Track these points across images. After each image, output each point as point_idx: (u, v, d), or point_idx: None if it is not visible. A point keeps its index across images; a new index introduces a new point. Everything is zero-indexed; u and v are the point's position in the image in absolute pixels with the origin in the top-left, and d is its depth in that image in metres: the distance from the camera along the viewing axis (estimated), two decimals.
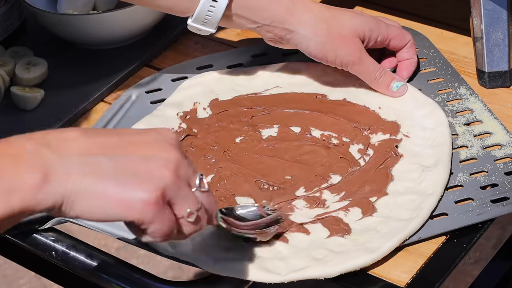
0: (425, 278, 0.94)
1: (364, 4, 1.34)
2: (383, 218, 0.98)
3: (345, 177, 1.04)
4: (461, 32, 1.27)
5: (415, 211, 0.97)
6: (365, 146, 1.08)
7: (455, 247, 0.96)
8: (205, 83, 1.18)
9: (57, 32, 1.26)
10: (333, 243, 0.96)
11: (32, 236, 1.00)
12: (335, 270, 0.92)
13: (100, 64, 1.25)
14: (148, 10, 1.24)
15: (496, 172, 1.03)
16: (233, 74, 1.20)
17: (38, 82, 1.22)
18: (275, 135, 1.11)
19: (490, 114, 1.11)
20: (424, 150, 1.06)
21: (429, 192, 1.00)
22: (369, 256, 0.93)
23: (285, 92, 1.17)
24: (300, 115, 1.13)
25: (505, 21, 1.17)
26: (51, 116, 1.17)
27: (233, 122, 1.13)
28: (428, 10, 1.32)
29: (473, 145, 1.07)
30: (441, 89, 1.16)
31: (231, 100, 1.16)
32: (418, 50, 1.23)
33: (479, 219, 0.98)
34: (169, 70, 1.23)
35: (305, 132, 1.11)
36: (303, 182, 1.04)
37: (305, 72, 1.19)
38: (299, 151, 1.08)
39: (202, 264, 0.94)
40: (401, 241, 0.95)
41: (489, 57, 1.17)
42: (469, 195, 1.01)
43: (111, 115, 1.15)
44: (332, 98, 1.15)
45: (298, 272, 0.92)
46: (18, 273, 2.24)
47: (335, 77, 1.17)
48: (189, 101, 1.16)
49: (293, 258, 0.94)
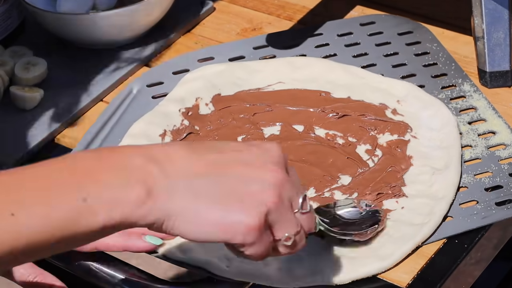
0: (426, 279, 0.93)
1: (365, 4, 1.34)
2: (395, 221, 0.97)
3: (356, 177, 1.03)
4: (462, 31, 1.27)
5: (428, 216, 0.97)
6: (373, 146, 1.07)
7: (456, 248, 0.96)
8: (207, 76, 1.17)
9: (57, 32, 1.26)
10: (346, 247, 0.95)
11: None
12: (347, 277, 0.92)
13: (100, 64, 1.24)
14: (148, 10, 1.24)
15: (501, 173, 1.03)
16: (235, 67, 1.19)
17: (37, 82, 1.21)
18: (277, 134, 1.10)
19: (494, 113, 1.11)
20: (433, 151, 1.05)
21: (440, 196, 0.99)
22: (381, 264, 0.93)
23: (288, 88, 1.16)
24: (303, 113, 1.13)
25: (507, 21, 1.17)
26: (51, 116, 1.16)
27: (235, 119, 1.12)
28: (429, 9, 1.32)
29: (477, 145, 1.07)
30: (445, 86, 1.16)
31: (234, 96, 1.16)
32: (421, 44, 1.23)
33: (484, 223, 0.97)
34: (170, 63, 1.22)
35: (309, 131, 1.10)
36: (312, 183, 1.03)
37: (310, 68, 1.18)
38: (304, 151, 1.07)
39: (212, 268, 0.93)
40: (413, 247, 0.94)
41: (491, 56, 1.17)
42: (474, 197, 1.00)
43: (112, 109, 1.14)
44: (336, 95, 1.14)
45: (310, 277, 0.92)
46: None
47: (339, 74, 1.16)
48: (191, 96, 1.15)
49: (306, 262, 0.93)
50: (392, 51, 1.23)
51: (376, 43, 1.24)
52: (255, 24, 1.32)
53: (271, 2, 1.37)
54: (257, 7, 1.36)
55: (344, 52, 1.23)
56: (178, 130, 1.11)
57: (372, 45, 1.24)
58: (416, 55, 1.22)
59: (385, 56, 1.22)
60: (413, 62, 1.20)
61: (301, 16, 1.33)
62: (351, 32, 1.26)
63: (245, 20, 1.34)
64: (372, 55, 1.22)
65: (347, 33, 1.26)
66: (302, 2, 1.36)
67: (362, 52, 1.23)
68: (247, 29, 1.31)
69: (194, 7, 1.34)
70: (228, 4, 1.37)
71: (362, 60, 1.21)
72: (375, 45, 1.24)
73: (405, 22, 1.27)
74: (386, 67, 1.20)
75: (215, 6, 1.36)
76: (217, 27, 1.32)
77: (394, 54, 1.22)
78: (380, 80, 1.15)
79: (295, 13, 1.34)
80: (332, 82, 1.16)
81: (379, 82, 1.15)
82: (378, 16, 1.29)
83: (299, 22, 1.32)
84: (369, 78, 1.15)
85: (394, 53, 1.22)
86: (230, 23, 1.33)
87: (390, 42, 1.24)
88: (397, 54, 1.22)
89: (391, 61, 1.21)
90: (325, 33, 1.26)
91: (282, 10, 1.35)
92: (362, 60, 1.21)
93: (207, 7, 1.34)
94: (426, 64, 1.20)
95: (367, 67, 1.20)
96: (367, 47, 1.24)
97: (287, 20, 1.33)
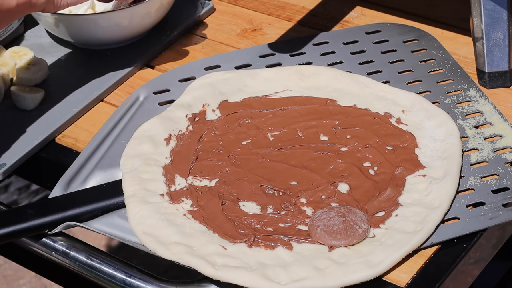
0: (425, 278, 0.93)
1: (364, 4, 1.34)
2: (387, 229, 0.97)
3: (354, 185, 1.03)
4: (461, 32, 1.27)
5: (420, 224, 0.97)
6: (375, 155, 1.07)
7: (456, 247, 0.96)
8: (214, 84, 1.18)
9: (57, 32, 1.26)
10: (336, 253, 0.95)
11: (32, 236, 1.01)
12: (335, 283, 0.92)
13: (100, 64, 1.25)
14: (148, 11, 1.24)
15: (508, 175, 1.03)
16: (242, 74, 1.19)
17: (38, 82, 1.22)
18: (281, 139, 1.11)
19: (500, 117, 1.11)
20: (434, 161, 1.05)
21: (435, 205, 0.99)
22: (370, 272, 0.93)
23: (295, 95, 1.17)
24: (308, 120, 1.13)
25: (506, 21, 1.17)
26: (51, 116, 1.17)
27: (241, 125, 1.13)
28: (429, 10, 1.32)
29: (483, 148, 1.07)
30: (451, 91, 1.16)
31: (241, 102, 1.16)
32: (427, 51, 1.23)
33: (491, 224, 0.97)
34: (177, 71, 1.23)
35: (314, 138, 1.10)
36: (309, 188, 1.03)
37: (316, 76, 1.18)
38: (307, 157, 1.07)
39: (203, 269, 0.94)
40: (403, 256, 0.95)
41: (489, 57, 1.17)
42: (481, 199, 1.00)
43: (119, 116, 1.15)
44: (342, 103, 1.15)
45: (298, 282, 0.92)
46: (18, 273, 2.24)
47: (346, 82, 1.17)
48: (198, 103, 1.16)
49: (295, 266, 0.94)
50: (397, 58, 1.23)
51: (382, 51, 1.24)
52: (255, 24, 1.33)
53: (271, 2, 1.37)
54: (257, 7, 1.36)
55: (350, 59, 1.23)
56: (184, 135, 1.11)
57: (378, 53, 1.24)
58: (422, 62, 1.22)
59: (391, 63, 1.22)
60: (418, 69, 1.21)
61: (301, 16, 1.34)
62: (357, 40, 1.26)
63: (245, 20, 1.34)
64: (378, 62, 1.22)
65: (352, 41, 1.26)
66: (301, 2, 1.36)
67: (368, 60, 1.23)
68: (247, 29, 1.32)
69: (194, 8, 1.34)
70: (228, 5, 1.37)
71: (367, 67, 1.22)
72: (381, 53, 1.24)
73: (410, 30, 1.28)
74: (392, 74, 1.20)
75: (215, 6, 1.36)
76: (218, 27, 1.33)
77: (399, 61, 1.22)
78: (387, 89, 1.15)
79: (294, 13, 1.34)
80: (339, 91, 1.16)
81: (385, 91, 1.15)
82: (384, 25, 1.29)
83: (299, 23, 1.33)
84: (376, 88, 1.15)
85: (399, 60, 1.22)
86: (230, 23, 1.33)
87: (395, 50, 1.24)
88: (403, 61, 1.22)
89: (396, 68, 1.21)
90: (331, 41, 1.26)
91: (282, 10, 1.35)
92: (368, 68, 1.21)
93: (207, 8, 1.35)
94: (431, 71, 1.20)
95: (373, 74, 1.20)
96: (373, 54, 1.24)
97: (287, 21, 1.33)
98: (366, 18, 1.32)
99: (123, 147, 1.10)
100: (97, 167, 1.08)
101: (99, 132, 1.13)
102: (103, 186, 1.05)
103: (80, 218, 1.01)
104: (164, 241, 0.97)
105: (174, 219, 1.00)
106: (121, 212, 1.02)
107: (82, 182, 1.06)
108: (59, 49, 1.28)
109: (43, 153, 1.13)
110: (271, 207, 1.01)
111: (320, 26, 1.32)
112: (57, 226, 1.00)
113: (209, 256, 0.95)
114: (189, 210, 1.01)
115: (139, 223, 0.99)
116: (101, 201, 1.02)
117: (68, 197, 1.03)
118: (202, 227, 0.99)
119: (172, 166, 1.07)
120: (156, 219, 0.99)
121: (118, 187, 1.04)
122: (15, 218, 1.00)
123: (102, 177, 1.07)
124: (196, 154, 1.09)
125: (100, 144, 1.11)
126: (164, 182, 1.05)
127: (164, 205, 1.01)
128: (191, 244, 0.96)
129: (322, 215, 0.98)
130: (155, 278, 0.96)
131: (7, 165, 1.10)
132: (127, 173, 1.05)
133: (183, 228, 0.98)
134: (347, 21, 1.32)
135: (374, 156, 1.07)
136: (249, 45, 1.28)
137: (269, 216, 1.00)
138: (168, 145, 1.10)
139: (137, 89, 1.19)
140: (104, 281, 0.97)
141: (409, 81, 1.19)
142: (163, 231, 0.98)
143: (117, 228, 1.00)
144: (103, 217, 1.02)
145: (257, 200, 1.02)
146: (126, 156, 1.08)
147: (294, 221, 0.99)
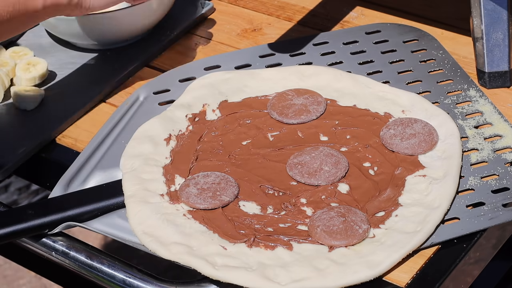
0: (425, 278, 0.94)
1: (364, 4, 1.34)
2: (387, 229, 0.98)
3: (354, 186, 1.04)
4: (461, 32, 1.27)
5: (420, 225, 0.97)
6: (375, 155, 1.07)
7: (455, 247, 0.96)
8: (214, 84, 1.18)
9: (57, 32, 1.26)
10: (336, 253, 0.95)
11: (32, 236, 1.01)
12: (335, 283, 0.92)
13: (100, 64, 1.25)
14: (148, 11, 1.24)
15: (507, 175, 1.03)
16: (242, 75, 1.19)
17: (38, 82, 1.22)
18: (281, 139, 1.11)
19: (500, 117, 1.11)
20: (434, 162, 1.05)
21: (435, 206, 0.99)
22: (370, 272, 0.93)
23: None
24: (308, 119, 1.13)
25: (505, 21, 1.17)
26: (51, 116, 1.17)
27: (241, 125, 1.13)
28: (429, 10, 1.32)
29: (483, 148, 1.07)
30: (451, 91, 1.16)
31: (241, 102, 1.16)
32: (427, 51, 1.23)
33: (491, 224, 0.97)
34: (177, 71, 1.23)
35: (314, 138, 1.10)
36: (309, 188, 1.04)
37: (316, 76, 1.18)
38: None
39: (202, 269, 0.94)
40: (403, 256, 0.95)
41: (489, 57, 1.17)
42: (481, 199, 1.00)
43: (119, 116, 1.15)
44: (342, 104, 1.15)
45: (298, 282, 0.92)
46: (18, 273, 2.24)
47: (345, 82, 1.17)
48: (198, 103, 1.16)
49: (295, 266, 0.94)
50: (397, 59, 1.23)
51: (382, 51, 1.24)
52: (255, 24, 1.33)
53: (271, 3, 1.37)
54: (257, 8, 1.37)
55: (349, 59, 1.23)
56: (183, 135, 1.11)
57: (378, 53, 1.24)
58: (422, 62, 1.22)
59: (391, 63, 1.22)
60: (418, 69, 1.21)
61: (301, 16, 1.34)
62: (357, 40, 1.26)
63: (245, 20, 1.34)
64: (378, 62, 1.22)
65: (352, 42, 1.26)
66: (301, 3, 1.36)
67: (368, 60, 1.23)
68: (247, 29, 1.32)
69: (194, 8, 1.34)
70: (228, 5, 1.37)
71: (367, 67, 1.22)
72: (381, 53, 1.24)
73: (410, 30, 1.28)
74: (392, 74, 1.20)
75: (215, 6, 1.36)
76: (217, 27, 1.33)
77: (399, 61, 1.22)
78: (387, 89, 1.15)
79: (294, 13, 1.35)
80: (339, 91, 1.16)
81: (385, 92, 1.15)
82: (384, 25, 1.29)
83: (299, 23, 1.33)
84: (376, 88, 1.16)
85: (399, 60, 1.23)
86: (230, 23, 1.33)
87: (395, 50, 1.24)
88: (403, 61, 1.22)
89: (396, 68, 1.21)
90: (331, 41, 1.26)
91: (282, 11, 1.36)
92: (368, 68, 1.21)
93: (207, 8, 1.35)
94: (431, 71, 1.20)
95: (373, 74, 1.20)
96: (373, 54, 1.24)
97: (287, 21, 1.33)
98: (366, 18, 1.32)
99: (123, 147, 1.10)
100: (97, 167, 1.08)
101: (99, 132, 1.13)
102: (103, 186, 1.05)
103: (80, 218, 1.01)
104: (164, 241, 0.97)
105: (174, 219, 1.00)
106: (121, 212, 1.02)
107: (82, 182, 1.06)
108: (59, 49, 1.28)
109: (43, 153, 1.13)
110: (271, 207, 1.01)
111: (320, 26, 1.32)
112: (57, 226, 1.00)
113: (209, 256, 0.95)
114: (189, 210, 1.01)
115: (139, 223, 0.99)
116: (101, 201, 1.02)
117: (68, 197, 1.03)
118: (202, 227, 0.99)
119: (172, 166, 1.07)
120: (156, 219, 0.99)
121: (118, 187, 1.04)
122: (15, 218, 1.00)
123: (102, 177, 1.07)
124: (196, 154, 1.09)
125: (100, 144, 1.11)
126: (164, 182, 1.05)
127: (164, 205, 1.02)
128: (191, 244, 0.96)
129: (322, 215, 0.98)
130: (155, 278, 0.96)
131: (7, 165, 1.10)
132: (127, 173, 1.05)
133: (183, 228, 0.99)
134: (347, 21, 1.32)
135: (374, 156, 1.07)
136: (249, 45, 1.28)
137: (269, 216, 1.00)
138: (168, 145, 1.10)
139: (137, 89, 1.20)
140: (104, 281, 0.97)
141: (409, 81, 1.19)
142: (163, 231, 0.98)
143: (117, 228, 1.00)
144: (103, 217, 1.02)
145: (257, 200, 1.02)
146: (126, 156, 1.08)
147: (294, 221, 0.99)
